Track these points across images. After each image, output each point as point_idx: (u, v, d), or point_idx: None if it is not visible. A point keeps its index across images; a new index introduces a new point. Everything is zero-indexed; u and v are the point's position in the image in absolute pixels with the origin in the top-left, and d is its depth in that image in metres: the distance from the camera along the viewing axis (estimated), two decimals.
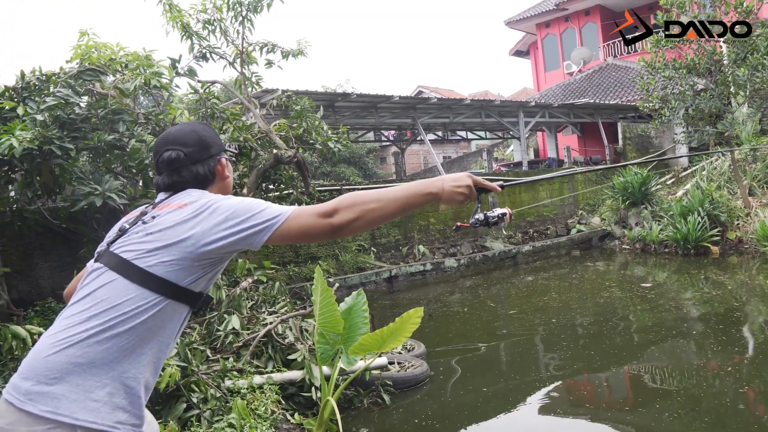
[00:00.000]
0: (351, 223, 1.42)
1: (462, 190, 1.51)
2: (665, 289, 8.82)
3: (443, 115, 15.93)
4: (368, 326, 3.68)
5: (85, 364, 1.35)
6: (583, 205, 15.80)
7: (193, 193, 1.58)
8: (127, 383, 1.38)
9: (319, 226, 1.41)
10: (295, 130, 7.02)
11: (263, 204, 1.47)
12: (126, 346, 1.38)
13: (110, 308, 1.40)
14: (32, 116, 4.81)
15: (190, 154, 1.64)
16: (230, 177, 1.76)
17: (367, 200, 1.43)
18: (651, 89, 12.68)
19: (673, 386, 4.82)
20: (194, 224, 1.45)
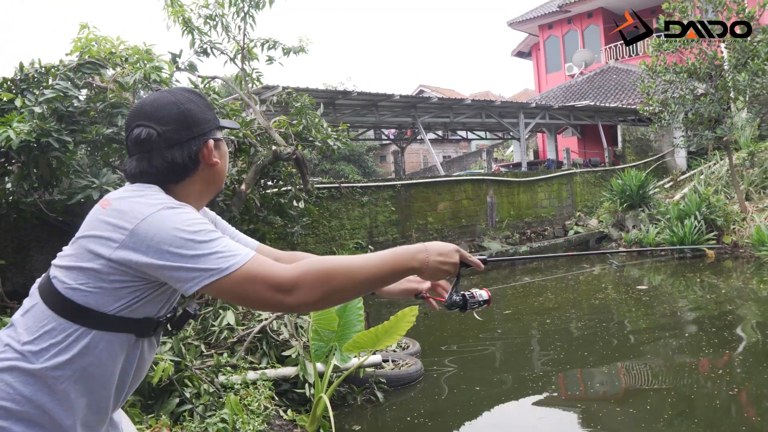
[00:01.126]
0: (310, 305, 1.17)
1: (448, 268, 1.32)
2: (660, 292, 8.84)
3: (444, 115, 15.95)
4: (363, 324, 3.70)
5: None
6: (581, 207, 15.83)
7: (136, 189, 1.26)
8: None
9: (269, 301, 1.16)
10: (294, 127, 7.03)
11: (211, 237, 1.17)
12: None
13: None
14: (30, 108, 4.82)
15: (166, 134, 1.28)
16: (221, 163, 1.38)
17: (336, 278, 1.16)
18: (651, 93, 12.71)
19: (665, 387, 4.84)
20: (108, 238, 1.18)
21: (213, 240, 1.16)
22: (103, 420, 1.29)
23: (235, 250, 1.16)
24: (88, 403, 1.23)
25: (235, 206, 6.24)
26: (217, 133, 1.38)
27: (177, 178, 1.31)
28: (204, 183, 1.36)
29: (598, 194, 16.05)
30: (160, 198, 1.23)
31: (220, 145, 1.38)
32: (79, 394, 1.21)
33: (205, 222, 1.20)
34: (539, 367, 5.70)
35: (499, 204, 13.81)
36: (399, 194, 11.90)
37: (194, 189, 1.34)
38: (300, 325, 4.95)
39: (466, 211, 13.19)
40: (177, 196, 1.30)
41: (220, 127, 1.40)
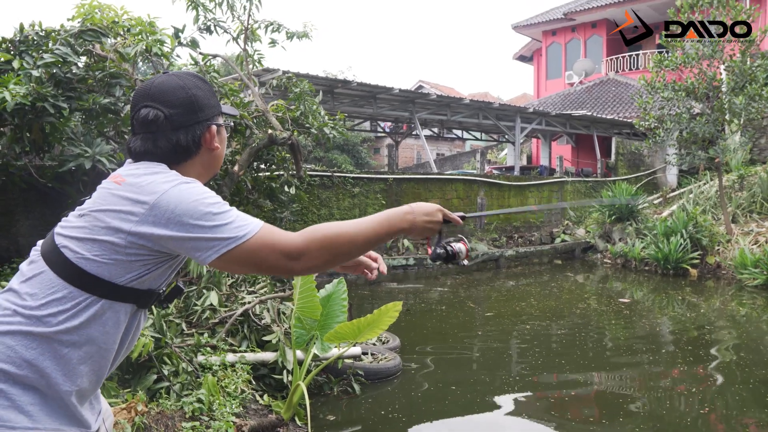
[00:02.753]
0: (315, 269, 1.26)
1: (432, 225, 1.41)
2: (642, 306, 8.94)
3: (441, 112, 15.94)
4: (346, 315, 3.71)
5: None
6: (569, 216, 15.92)
7: (148, 167, 1.31)
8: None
9: (280, 267, 1.24)
10: (292, 113, 7.00)
11: (226, 208, 1.23)
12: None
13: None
14: (28, 71, 4.76)
15: (173, 117, 1.33)
16: (220, 148, 1.44)
17: (340, 243, 1.25)
18: (648, 108, 12.78)
19: (638, 402, 4.90)
20: (128, 212, 1.23)
21: (228, 211, 1.23)
22: (95, 389, 1.33)
23: (248, 220, 1.23)
24: (88, 371, 1.27)
25: (227, 187, 6.21)
26: (219, 119, 1.44)
27: (179, 160, 1.36)
28: (203, 166, 1.42)
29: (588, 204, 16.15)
30: (174, 174, 1.29)
31: (221, 130, 1.45)
32: (81, 360, 1.24)
33: (216, 195, 1.26)
34: (517, 371, 5.75)
35: (489, 206, 13.86)
36: (390, 188, 11.91)
37: (194, 171, 1.39)
38: (282, 311, 4.96)
39: (455, 210, 13.19)
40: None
41: (222, 114, 1.46)
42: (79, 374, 1.24)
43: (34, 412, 1.19)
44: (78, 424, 1.27)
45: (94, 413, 1.36)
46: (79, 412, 1.27)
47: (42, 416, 1.20)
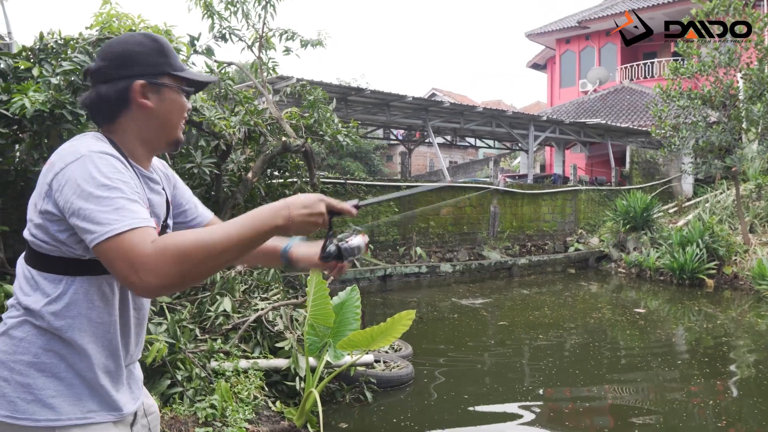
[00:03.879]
0: (169, 287, 1.12)
1: (314, 219, 1.25)
2: (657, 317, 8.84)
3: (454, 120, 15.94)
4: (359, 322, 3.70)
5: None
6: (583, 224, 15.82)
7: (69, 142, 1.27)
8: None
9: (127, 281, 1.11)
10: (306, 120, 7.04)
11: (111, 193, 1.15)
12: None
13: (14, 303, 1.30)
14: (47, 79, 4.82)
15: (102, 69, 1.31)
16: (160, 108, 1.35)
17: (194, 255, 1.10)
18: (664, 116, 12.69)
19: (654, 414, 4.83)
20: (38, 193, 1.25)
21: (111, 198, 1.14)
22: (119, 365, 1.34)
23: (122, 214, 1.13)
24: (98, 349, 1.28)
25: (240, 193, 6.24)
26: (161, 79, 1.34)
27: (108, 116, 1.33)
28: (143, 126, 1.35)
29: (602, 213, 16.03)
30: (86, 144, 1.23)
31: (161, 90, 1.34)
32: (87, 340, 1.26)
33: (116, 176, 1.18)
34: (530, 381, 5.70)
35: (502, 214, 13.80)
36: (403, 195, 11.89)
37: (133, 130, 1.34)
38: (295, 318, 4.96)
39: (468, 218, 13.19)
40: (118, 135, 1.33)
41: (175, 77, 1.37)
42: (90, 353, 1.27)
43: (56, 404, 1.22)
44: (107, 407, 1.29)
45: (129, 397, 1.39)
46: (107, 392, 1.29)
47: (65, 407, 1.23)
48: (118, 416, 1.32)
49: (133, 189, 1.21)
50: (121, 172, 1.20)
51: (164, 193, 1.45)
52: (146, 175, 1.39)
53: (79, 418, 1.24)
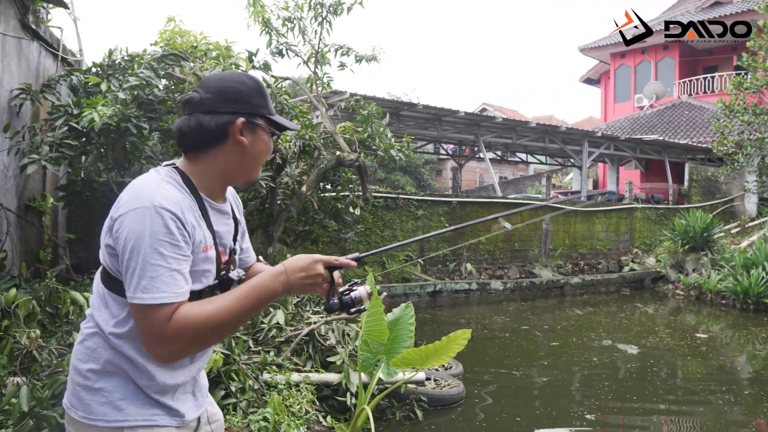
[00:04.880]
0: (181, 357, 1.30)
1: (312, 280, 1.35)
2: (720, 343, 8.44)
3: (506, 135, 15.77)
4: (413, 339, 3.66)
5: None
6: (638, 244, 15.32)
7: (143, 175, 1.38)
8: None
9: (148, 347, 1.27)
10: (359, 134, 7.08)
11: (158, 260, 1.23)
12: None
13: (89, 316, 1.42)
14: (115, 94, 5.01)
15: (205, 101, 1.37)
16: (253, 148, 1.42)
17: (202, 334, 1.25)
18: (727, 132, 12.21)
19: None
20: (106, 226, 1.34)
21: (150, 264, 1.23)
22: (179, 380, 1.41)
23: (156, 285, 1.22)
24: (157, 368, 1.35)
25: (294, 206, 6.32)
26: (258, 120, 1.41)
27: (204, 145, 1.38)
28: (231, 162, 1.41)
29: (659, 232, 15.50)
30: (151, 190, 1.28)
31: (256, 130, 1.41)
32: (146, 360, 1.34)
33: (166, 239, 1.25)
34: (583, 405, 5.51)
35: (554, 232, 13.52)
36: (454, 211, 11.81)
37: (220, 164, 1.40)
38: (347, 332, 4.95)
39: (519, 235, 12.97)
40: (202, 166, 1.40)
41: (269, 120, 1.44)
42: (150, 371, 1.35)
43: (124, 406, 1.33)
44: (169, 413, 1.38)
45: (192, 404, 1.46)
46: (165, 402, 1.38)
47: (132, 409, 1.34)
48: (180, 422, 1.41)
49: (179, 253, 1.27)
50: (172, 232, 1.26)
51: (232, 223, 1.53)
52: (216, 208, 1.45)
53: (145, 420, 1.34)
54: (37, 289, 4.00)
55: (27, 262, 5.16)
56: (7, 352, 3.56)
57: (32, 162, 4.68)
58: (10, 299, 3.85)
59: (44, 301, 4.00)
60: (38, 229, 5.87)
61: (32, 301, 3.81)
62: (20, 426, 2.99)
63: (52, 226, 6.31)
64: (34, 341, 3.44)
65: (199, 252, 1.34)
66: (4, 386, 3.51)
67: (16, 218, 5.31)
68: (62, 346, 4.08)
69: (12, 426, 3.02)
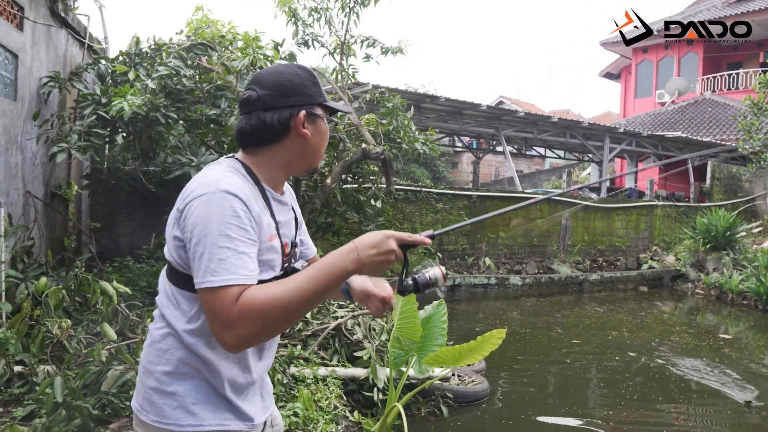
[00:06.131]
0: (249, 341, 1.20)
1: (384, 257, 1.25)
2: (744, 344, 8.32)
3: (527, 130, 15.62)
4: (445, 338, 3.62)
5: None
6: (658, 241, 15.15)
7: (207, 167, 1.37)
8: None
9: (215, 333, 1.21)
10: (384, 127, 7.02)
11: (227, 243, 1.20)
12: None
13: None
14: (144, 83, 4.99)
15: (264, 98, 1.36)
16: (315, 139, 1.41)
17: (272, 315, 1.17)
18: (753, 131, 12.00)
19: None
20: (173, 217, 1.32)
21: (224, 248, 1.20)
22: (251, 379, 1.40)
23: (224, 267, 1.19)
24: (229, 364, 1.34)
25: (318, 198, 6.28)
26: (317, 109, 1.41)
27: (267, 141, 1.38)
28: (294, 154, 1.40)
29: (679, 230, 15.31)
30: (216, 177, 1.28)
31: (316, 120, 1.41)
32: (218, 357, 1.33)
33: (232, 222, 1.23)
34: (607, 404, 5.45)
35: (573, 228, 13.40)
36: (474, 205, 11.73)
37: (283, 156, 1.40)
38: (372, 327, 4.92)
39: (538, 230, 12.87)
40: (264, 158, 1.39)
41: (325, 107, 1.44)
42: (221, 370, 1.33)
43: (197, 410, 1.31)
44: (240, 417, 1.36)
45: (261, 406, 1.45)
46: (237, 404, 1.36)
47: (205, 413, 1.32)
48: (249, 426, 1.39)
49: (246, 236, 1.24)
50: (239, 216, 1.24)
51: (293, 215, 1.52)
52: (278, 199, 1.44)
53: (218, 424, 1.33)
54: (66, 279, 4.00)
55: (53, 249, 5.18)
56: (39, 342, 3.56)
57: (61, 150, 4.68)
58: (40, 288, 3.86)
59: (74, 290, 4.00)
60: (64, 217, 5.89)
61: (62, 290, 3.81)
62: (54, 416, 2.99)
63: (76, 214, 6.33)
64: (65, 331, 3.44)
65: (265, 240, 1.32)
66: (35, 374, 3.52)
67: (43, 206, 5.33)
68: (90, 335, 4.09)
69: (46, 416, 3.03)
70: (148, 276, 5.97)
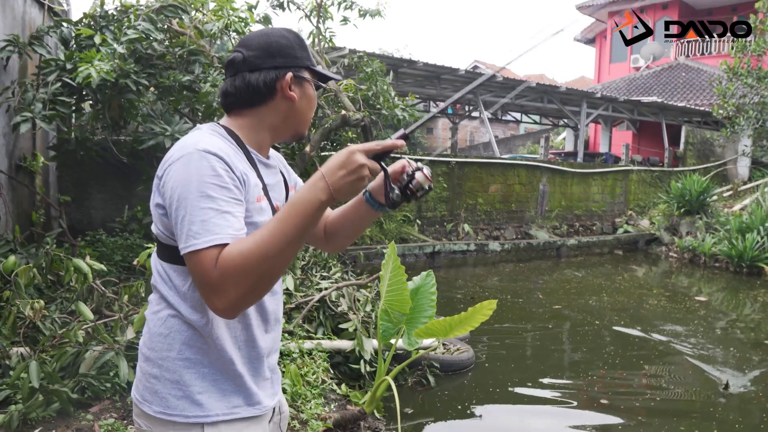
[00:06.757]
0: (241, 303, 1.10)
1: (355, 175, 1.13)
2: (724, 306, 8.50)
3: (504, 95, 15.50)
4: (434, 309, 3.55)
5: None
6: (633, 206, 15.32)
7: (181, 140, 1.26)
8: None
9: (206, 301, 1.13)
10: (363, 93, 6.83)
11: (207, 204, 1.12)
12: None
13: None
14: (111, 47, 4.71)
15: (249, 59, 1.30)
16: (302, 103, 1.35)
17: (255, 269, 1.08)
18: (728, 95, 12.07)
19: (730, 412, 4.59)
20: (155, 185, 1.25)
21: (198, 207, 1.13)
22: (259, 355, 1.33)
23: (207, 227, 1.11)
24: (234, 339, 1.28)
25: (298, 167, 6.11)
26: (304, 73, 1.35)
27: (252, 102, 1.32)
28: (279, 117, 1.34)
29: (653, 195, 15.50)
30: (194, 139, 1.22)
31: (303, 84, 1.35)
32: (222, 332, 1.25)
33: (213, 181, 1.15)
34: (592, 369, 5.50)
35: (550, 193, 13.44)
36: (452, 171, 11.65)
37: (268, 119, 1.34)
38: (357, 298, 4.84)
39: (517, 196, 12.88)
40: (248, 120, 1.33)
41: (313, 72, 1.37)
42: (227, 347, 1.26)
43: (203, 400, 1.24)
44: (249, 401, 1.30)
45: (270, 391, 1.38)
46: (248, 387, 1.29)
47: (212, 403, 1.25)
48: (260, 409, 1.32)
49: (229, 195, 1.16)
50: (219, 174, 1.16)
51: (281, 178, 1.45)
52: (264, 162, 1.38)
53: (226, 414, 1.26)
54: (37, 257, 3.81)
55: (20, 225, 4.95)
56: (10, 324, 3.39)
57: (25, 120, 4.41)
58: (9, 267, 3.66)
59: (45, 269, 3.81)
60: (31, 191, 5.63)
61: (33, 269, 3.62)
62: (31, 402, 2.86)
63: (44, 187, 6.06)
64: (38, 312, 3.27)
65: (253, 200, 1.25)
66: (7, 357, 3.36)
67: (8, 179, 5.06)
68: (65, 315, 3.93)
69: (22, 401, 2.89)
70: (123, 249, 5.77)
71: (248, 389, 1.30)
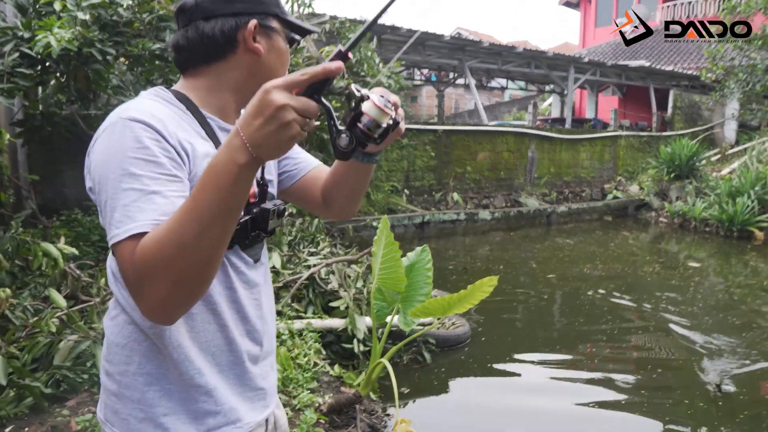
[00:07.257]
0: (169, 303, 0.86)
1: (276, 123, 0.81)
2: (715, 273, 8.43)
3: (490, 61, 15.17)
4: (431, 286, 3.34)
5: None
6: (622, 171, 15.20)
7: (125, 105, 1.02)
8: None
9: (135, 300, 0.89)
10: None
11: (132, 184, 0.90)
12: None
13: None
14: (72, 14, 4.36)
15: (202, 4, 1.06)
16: (270, 57, 1.10)
17: (172, 257, 0.83)
18: (718, 58, 11.87)
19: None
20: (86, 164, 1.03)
21: (121, 189, 0.90)
22: (239, 360, 1.11)
23: (129, 215, 0.88)
24: (202, 345, 1.06)
25: None
26: (272, 22, 1.11)
27: (209, 58, 1.09)
28: (243, 74, 1.10)
29: (642, 160, 15.38)
30: (125, 106, 1.00)
31: (272, 35, 1.11)
32: (185, 337, 1.03)
33: (137, 155, 0.92)
34: (590, 339, 5.37)
35: (539, 160, 13.26)
36: (440, 140, 11.40)
37: (229, 77, 1.10)
38: (348, 275, 4.63)
39: (505, 163, 12.69)
40: (204, 80, 1.10)
41: (283, 20, 1.12)
42: (192, 357, 1.04)
43: (168, 423, 1.04)
44: (227, 419, 1.09)
45: (258, 405, 1.16)
46: (224, 399, 1.08)
47: (179, 426, 1.04)
48: (242, 428, 1.12)
49: (158, 171, 0.92)
50: (146, 146, 0.93)
51: None
52: (226, 129, 1.13)
53: None
54: (2, 241, 3.53)
55: None
56: None
57: None
58: None
59: (11, 253, 3.54)
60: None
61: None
62: (0, 398, 2.63)
63: (11, 167, 5.72)
64: (5, 301, 3.02)
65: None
66: None
67: None
68: (38, 302, 3.68)
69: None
70: (101, 229, 5.49)
71: (224, 405, 1.08)
